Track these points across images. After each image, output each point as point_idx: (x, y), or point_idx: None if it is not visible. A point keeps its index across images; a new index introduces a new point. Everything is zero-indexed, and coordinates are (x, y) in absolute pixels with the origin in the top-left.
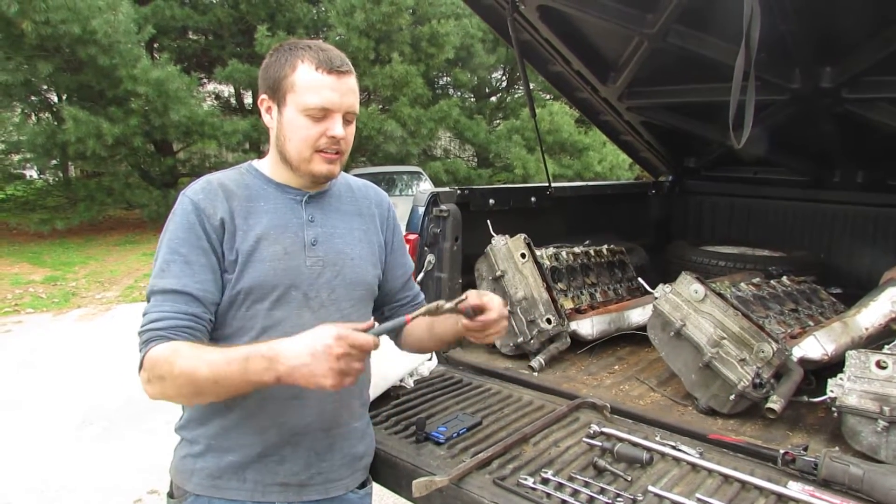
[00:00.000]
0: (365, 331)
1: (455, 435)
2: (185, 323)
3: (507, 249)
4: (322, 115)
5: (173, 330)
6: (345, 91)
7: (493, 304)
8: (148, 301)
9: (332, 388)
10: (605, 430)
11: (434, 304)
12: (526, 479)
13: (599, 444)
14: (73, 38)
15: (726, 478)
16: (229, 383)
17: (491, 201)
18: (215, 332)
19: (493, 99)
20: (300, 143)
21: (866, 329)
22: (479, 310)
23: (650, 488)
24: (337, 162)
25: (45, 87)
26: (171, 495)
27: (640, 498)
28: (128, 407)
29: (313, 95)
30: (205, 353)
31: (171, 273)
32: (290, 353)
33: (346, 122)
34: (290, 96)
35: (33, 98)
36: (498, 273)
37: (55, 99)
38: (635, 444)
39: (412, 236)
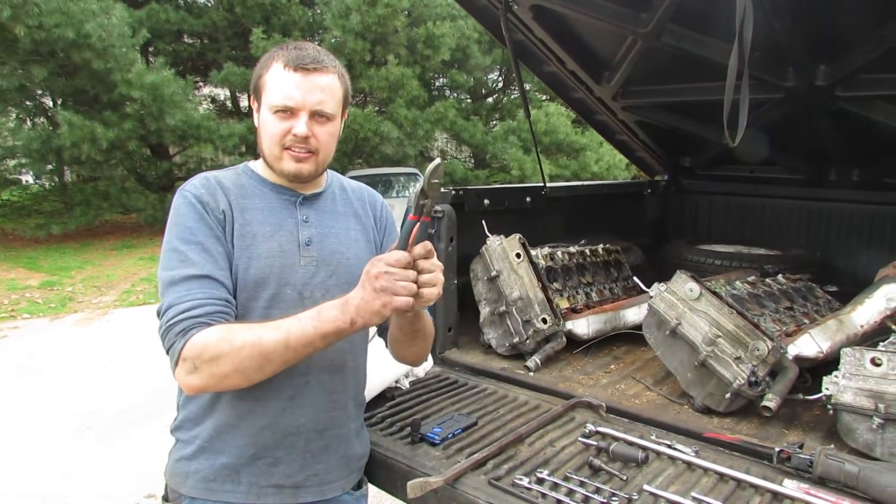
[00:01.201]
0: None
1: (450, 436)
2: (221, 308)
3: (502, 249)
4: (287, 112)
5: (212, 316)
6: (309, 88)
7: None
8: (164, 293)
9: (385, 310)
10: (601, 429)
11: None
12: (521, 479)
13: (595, 443)
14: (67, 42)
15: (722, 476)
16: (302, 342)
17: (486, 202)
18: None
19: (490, 100)
20: (269, 140)
21: (861, 326)
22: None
23: (645, 487)
24: (308, 161)
25: (39, 91)
26: (165, 499)
27: (636, 497)
28: (125, 412)
29: (276, 93)
30: (264, 323)
31: (193, 261)
32: (353, 294)
33: (317, 121)
34: (263, 95)
35: (28, 103)
36: (493, 273)
37: (50, 103)
38: (631, 444)
39: None
